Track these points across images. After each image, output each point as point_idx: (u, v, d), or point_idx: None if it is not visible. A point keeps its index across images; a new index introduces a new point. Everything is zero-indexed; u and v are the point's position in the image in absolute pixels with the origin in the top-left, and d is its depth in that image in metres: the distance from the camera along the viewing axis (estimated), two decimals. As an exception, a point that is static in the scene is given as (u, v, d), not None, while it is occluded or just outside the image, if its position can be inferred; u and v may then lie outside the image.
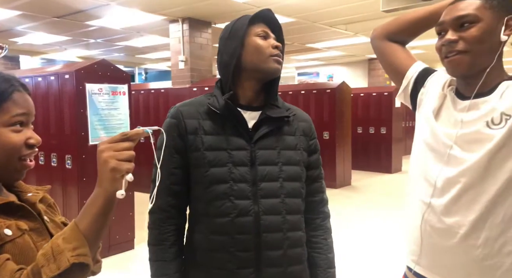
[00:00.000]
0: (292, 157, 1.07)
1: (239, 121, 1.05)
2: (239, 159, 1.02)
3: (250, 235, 1.01)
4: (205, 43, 6.18)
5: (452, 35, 0.95)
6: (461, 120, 0.96)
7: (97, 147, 0.65)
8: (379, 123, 7.60)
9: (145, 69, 13.62)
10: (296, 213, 1.07)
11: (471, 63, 0.94)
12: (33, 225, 0.74)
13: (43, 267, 0.60)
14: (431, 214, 0.97)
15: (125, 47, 9.08)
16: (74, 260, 0.60)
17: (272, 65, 1.05)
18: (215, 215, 1.02)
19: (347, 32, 7.06)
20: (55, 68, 3.82)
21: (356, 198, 5.75)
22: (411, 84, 1.13)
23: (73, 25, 6.65)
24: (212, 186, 1.01)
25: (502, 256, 0.89)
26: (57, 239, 0.63)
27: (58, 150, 3.53)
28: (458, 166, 0.93)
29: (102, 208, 0.65)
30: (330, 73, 12.41)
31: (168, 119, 1.08)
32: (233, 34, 1.05)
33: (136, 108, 6.21)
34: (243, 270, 1.01)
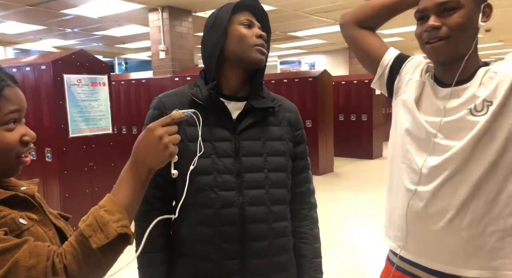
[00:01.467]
0: (277, 147, 1.06)
1: (223, 112, 1.03)
2: (223, 150, 1.01)
3: (234, 226, 1.00)
4: (186, 32, 6.09)
5: (435, 21, 0.94)
6: (443, 108, 0.97)
7: (151, 129, 0.70)
8: (360, 111, 7.72)
9: (125, 59, 13.33)
10: (281, 203, 1.07)
11: (453, 49, 0.95)
12: (38, 216, 0.74)
13: (91, 237, 0.62)
14: (417, 200, 0.99)
15: (103, 37, 8.86)
16: (120, 230, 0.63)
17: (255, 55, 1.02)
18: (200, 206, 1.01)
19: (328, 20, 7.09)
20: (31, 59, 3.71)
21: (338, 184, 5.86)
22: (386, 72, 1.12)
23: (47, 14, 6.42)
24: (196, 177, 1.00)
25: (486, 236, 0.92)
26: (99, 212, 0.65)
27: (37, 143, 3.46)
28: (443, 153, 0.95)
29: (142, 185, 0.70)
30: (311, 62, 12.46)
31: (151, 111, 1.06)
32: (216, 23, 1.03)
33: (117, 99, 6.11)
34: (228, 261, 1.01)
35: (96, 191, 3.57)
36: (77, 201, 3.44)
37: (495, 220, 0.92)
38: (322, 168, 6.48)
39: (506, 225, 0.92)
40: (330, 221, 4.14)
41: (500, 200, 0.92)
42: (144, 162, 0.69)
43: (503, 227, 0.92)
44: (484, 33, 8.75)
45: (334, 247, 3.45)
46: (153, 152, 0.69)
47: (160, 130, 0.69)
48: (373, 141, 7.72)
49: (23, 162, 0.74)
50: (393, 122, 1.12)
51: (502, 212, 0.92)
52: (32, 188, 0.79)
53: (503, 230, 0.92)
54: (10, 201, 0.71)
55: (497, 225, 0.92)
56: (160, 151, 0.69)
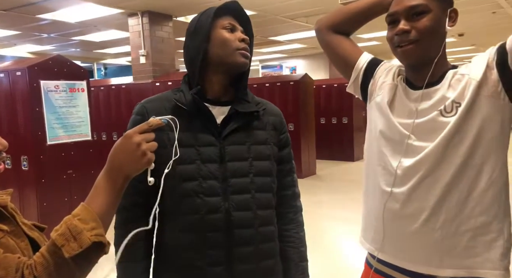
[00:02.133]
0: (263, 151, 1.05)
1: (207, 117, 1.02)
2: (207, 156, 1.00)
3: (220, 232, 0.99)
4: (167, 36, 6.05)
5: (405, 25, 0.97)
6: (415, 110, 0.99)
7: (129, 136, 0.69)
8: (341, 114, 7.83)
9: (104, 65, 13.12)
10: (267, 208, 1.06)
11: (422, 52, 0.98)
12: (10, 227, 0.72)
13: (64, 246, 0.61)
14: (393, 202, 1.00)
15: (81, 42, 8.69)
16: (94, 239, 0.62)
17: (238, 59, 1.01)
18: (185, 213, 1.00)
19: (308, 24, 7.18)
20: (5, 65, 3.60)
21: (321, 187, 5.91)
22: (360, 76, 1.14)
23: (22, 18, 6.26)
24: (181, 183, 0.98)
25: (459, 236, 0.95)
26: (72, 221, 0.64)
27: (12, 151, 3.35)
28: (416, 155, 0.97)
29: (119, 191, 0.69)
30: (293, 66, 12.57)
31: (133, 116, 1.04)
32: (198, 28, 1.02)
33: (96, 105, 5.99)
34: (214, 267, 0.99)
35: (75, 199, 3.48)
36: (55, 210, 3.34)
37: (466, 220, 0.94)
38: (305, 171, 6.52)
39: (476, 224, 0.94)
40: (312, 224, 4.17)
41: (470, 200, 0.94)
42: (120, 169, 0.68)
43: (474, 226, 0.94)
44: (457, 37, 9.05)
45: (317, 250, 3.47)
46: (131, 159, 0.68)
47: (137, 137, 0.68)
48: (354, 143, 7.83)
49: None
50: (368, 125, 1.13)
51: (473, 211, 0.94)
52: (5, 198, 0.76)
53: (474, 229, 0.94)
54: None
55: (468, 224, 0.94)
56: (137, 158, 0.68)
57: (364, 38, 8.80)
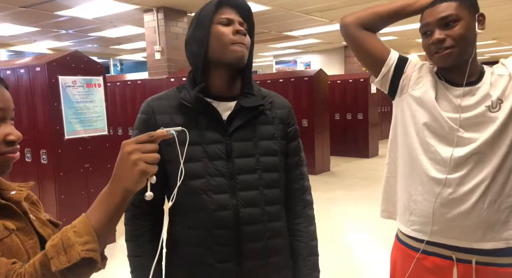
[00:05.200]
0: (270, 147, 1.04)
1: (212, 115, 1.01)
2: (214, 153, 0.99)
3: (229, 229, 0.99)
4: (181, 32, 6.08)
5: (440, 34, 1.09)
6: (459, 105, 1.11)
7: (122, 146, 0.64)
8: (356, 110, 7.74)
9: (121, 61, 13.29)
10: (276, 204, 1.05)
11: (458, 56, 1.09)
12: (19, 224, 0.72)
13: (53, 259, 0.59)
14: (445, 188, 1.11)
15: (98, 38, 8.82)
16: (84, 254, 0.60)
17: (232, 54, 0.98)
18: (193, 210, 1.00)
19: (323, 19, 7.10)
20: (25, 61, 3.69)
21: (335, 183, 5.87)
22: (391, 71, 1.21)
23: (41, 15, 6.39)
24: (189, 181, 0.98)
25: (500, 213, 1.10)
26: (67, 232, 0.62)
27: (33, 145, 3.44)
28: (467, 145, 1.09)
29: (118, 205, 0.64)
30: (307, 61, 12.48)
31: (139, 115, 1.05)
32: (199, 23, 1.01)
33: (112, 101, 6.09)
34: (223, 264, 0.99)
35: (92, 192, 3.55)
36: (73, 203, 3.42)
37: (506, 198, 1.09)
38: (319, 167, 6.49)
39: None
40: (326, 220, 4.15)
41: (510, 181, 1.10)
42: (118, 181, 0.64)
43: (511, 204, 1.10)
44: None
45: (330, 246, 3.46)
46: (124, 169, 0.64)
47: (129, 147, 0.64)
48: (369, 139, 7.74)
49: (8, 159, 0.71)
50: (400, 117, 1.21)
51: (511, 191, 1.10)
52: (20, 194, 0.77)
53: (511, 206, 1.10)
54: None
55: (507, 202, 1.09)
56: (129, 168, 0.63)
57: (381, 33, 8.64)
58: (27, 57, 3.95)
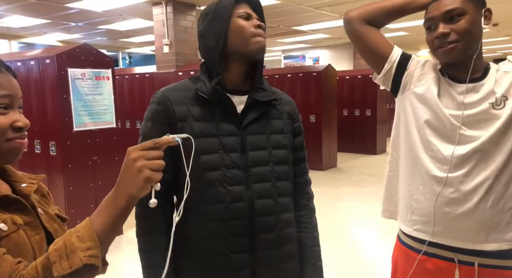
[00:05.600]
0: (281, 140, 1.08)
1: (228, 107, 1.03)
2: (230, 145, 1.01)
3: (243, 220, 1.01)
4: (190, 26, 6.07)
5: (444, 28, 1.06)
6: (462, 102, 1.08)
7: (128, 152, 0.65)
8: (365, 106, 7.68)
9: (129, 54, 13.33)
10: (287, 195, 1.09)
11: (462, 51, 1.06)
12: (27, 219, 0.72)
13: (55, 263, 0.59)
14: (447, 187, 1.08)
15: (107, 31, 8.85)
16: (86, 260, 0.60)
17: (254, 46, 1.02)
18: (209, 202, 1.01)
19: (333, 14, 7.03)
20: (35, 53, 3.71)
21: (342, 179, 5.85)
22: (394, 68, 1.19)
23: (51, 7, 6.42)
24: (205, 173, 0.99)
25: (503, 213, 1.07)
26: (71, 236, 0.62)
27: (42, 137, 3.48)
28: (470, 143, 1.06)
29: (121, 212, 0.64)
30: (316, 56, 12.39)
31: (154, 106, 1.04)
32: (217, 16, 1.02)
33: (120, 94, 6.12)
34: (238, 254, 1.01)
35: (100, 185, 3.59)
36: (81, 195, 3.46)
37: (510, 198, 1.06)
38: (326, 163, 6.47)
39: None
40: (332, 216, 4.15)
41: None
42: (123, 187, 0.64)
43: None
44: (492, 27, 8.65)
45: (337, 242, 3.46)
46: (128, 175, 0.64)
47: (134, 154, 0.64)
48: (377, 136, 7.69)
49: (15, 145, 0.71)
50: (402, 115, 1.19)
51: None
52: (31, 187, 0.77)
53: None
54: (2, 201, 0.69)
55: (511, 203, 1.06)
56: (134, 175, 0.63)
57: (391, 28, 8.55)
58: (37, 49, 3.98)
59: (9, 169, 0.79)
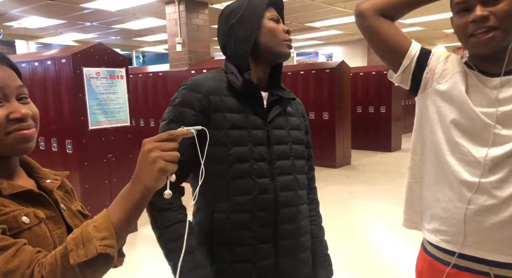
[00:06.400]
0: (298, 136, 1.14)
1: (257, 101, 1.07)
2: (258, 138, 1.05)
3: (268, 211, 1.05)
4: (202, 24, 6.09)
5: (482, 11, 0.92)
6: (496, 98, 0.96)
7: (143, 144, 0.65)
8: (379, 103, 7.58)
9: (143, 52, 13.47)
10: (304, 188, 1.15)
11: (501, 40, 0.93)
12: (49, 213, 0.73)
13: (72, 251, 0.60)
14: (479, 193, 0.96)
15: (121, 30, 8.95)
16: (101, 249, 0.60)
17: (285, 49, 1.09)
18: (236, 194, 1.04)
19: (346, 10, 6.95)
20: (52, 53, 3.78)
21: (356, 177, 5.80)
22: (413, 64, 1.07)
23: (67, 8, 6.53)
24: (235, 165, 1.02)
25: None
26: (88, 226, 0.63)
27: (58, 135, 3.54)
28: (507, 143, 0.94)
29: (137, 203, 0.65)
30: (329, 53, 12.29)
31: (187, 92, 1.03)
32: (249, 15, 1.06)
33: (134, 92, 6.18)
34: (263, 244, 1.05)
35: (115, 182, 3.64)
36: (97, 192, 3.52)
37: None
38: (339, 161, 6.42)
39: None
40: (346, 214, 4.11)
41: None
42: (138, 178, 0.65)
43: None
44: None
45: (350, 240, 3.43)
46: (143, 167, 0.64)
47: (149, 144, 0.64)
48: (391, 133, 7.59)
49: (18, 135, 0.70)
50: (423, 115, 1.08)
51: None
52: (54, 183, 0.79)
53: None
54: (25, 195, 0.71)
55: None
56: (148, 166, 0.63)
57: (406, 24, 8.41)
58: (54, 49, 4.05)
59: (35, 165, 0.81)
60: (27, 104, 0.73)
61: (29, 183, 0.75)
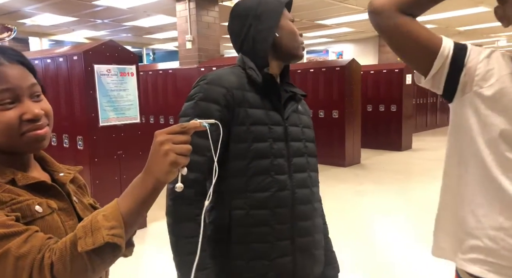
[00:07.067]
0: (310, 134, 1.15)
1: (276, 97, 1.07)
2: (277, 135, 1.05)
3: (286, 208, 1.05)
4: (212, 21, 6.09)
5: None
6: None
7: (155, 135, 0.64)
8: (390, 101, 7.50)
9: (153, 50, 13.54)
10: (317, 186, 1.16)
11: None
12: (62, 205, 0.75)
13: (80, 239, 0.61)
14: None
15: (132, 28, 9.01)
16: (108, 239, 0.60)
17: (301, 52, 1.12)
18: (256, 190, 1.03)
19: (357, 7, 6.88)
20: (64, 50, 3.82)
21: (365, 176, 5.75)
22: (447, 66, 0.90)
23: (79, 5, 6.59)
24: (255, 161, 1.02)
25: None
26: (98, 215, 0.63)
27: (70, 131, 3.58)
28: None
29: (148, 195, 0.64)
30: (339, 51, 12.19)
31: (210, 86, 1.00)
32: (267, 12, 1.06)
33: (144, 89, 6.23)
34: (281, 241, 1.05)
35: (125, 179, 3.67)
36: (107, 188, 3.55)
37: None
38: (349, 160, 6.38)
39: None
40: (355, 214, 4.08)
41: None
42: (150, 170, 0.64)
43: None
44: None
45: (358, 239, 3.40)
46: (155, 159, 0.64)
47: (161, 137, 0.63)
48: (402, 132, 7.51)
49: (32, 136, 0.70)
50: (461, 125, 0.92)
51: None
52: (67, 176, 0.80)
53: None
54: (39, 186, 0.72)
55: None
56: (160, 158, 0.63)
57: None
58: (66, 46, 4.09)
59: (49, 160, 0.83)
60: (39, 102, 0.73)
61: (43, 176, 0.77)
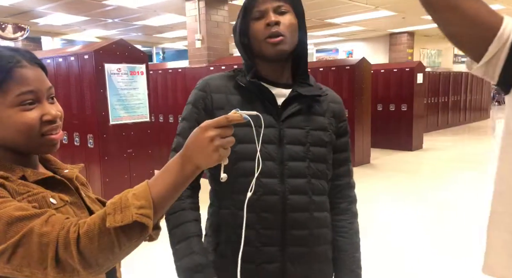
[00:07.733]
0: (321, 138, 1.05)
1: (268, 98, 1.02)
2: (267, 137, 0.99)
3: (275, 214, 1.00)
4: (222, 21, 6.09)
5: None
6: None
7: (203, 129, 0.65)
8: (400, 101, 7.42)
9: (163, 49, 13.62)
10: (322, 194, 1.07)
11: None
12: (72, 199, 0.76)
13: (109, 215, 0.61)
14: None
15: (142, 27, 9.08)
16: (137, 217, 0.60)
17: (268, 50, 0.99)
18: (241, 192, 0.98)
19: (368, 5, 6.82)
20: (75, 49, 3.86)
21: (375, 176, 5.70)
22: (505, 50, 0.76)
23: (90, 5, 6.66)
24: (239, 163, 0.99)
25: None
26: (128, 193, 0.63)
27: (80, 130, 3.63)
28: None
29: (185, 179, 0.65)
30: (349, 50, 12.11)
31: (196, 91, 1.06)
32: (241, 12, 1.03)
33: (154, 88, 6.26)
34: (268, 247, 1.01)
35: (134, 177, 3.70)
36: (116, 186, 3.58)
37: None
38: (358, 159, 6.33)
39: None
40: (363, 214, 4.05)
41: None
42: (191, 158, 0.65)
43: None
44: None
45: (367, 239, 3.38)
46: (202, 152, 0.64)
47: (211, 132, 0.64)
48: (413, 132, 7.42)
49: (49, 139, 0.73)
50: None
51: None
52: (73, 172, 0.82)
53: None
54: (48, 182, 0.74)
55: None
56: (208, 153, 0.64)
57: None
58: (77, 46, 4.14)
59: (51, 158, 0.84)
60: (55, 104, 0.76)
61: (49, 173, 0.78)
